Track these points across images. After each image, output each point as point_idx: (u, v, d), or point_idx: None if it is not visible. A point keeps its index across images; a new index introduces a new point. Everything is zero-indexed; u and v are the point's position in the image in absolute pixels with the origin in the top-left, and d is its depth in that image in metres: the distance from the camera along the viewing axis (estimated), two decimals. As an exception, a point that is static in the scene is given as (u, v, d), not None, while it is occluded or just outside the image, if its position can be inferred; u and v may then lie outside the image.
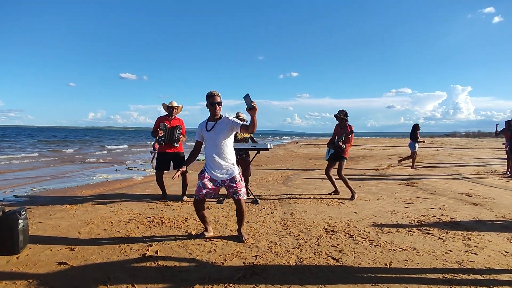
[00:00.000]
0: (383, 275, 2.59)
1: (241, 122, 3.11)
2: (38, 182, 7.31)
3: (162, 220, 4.03)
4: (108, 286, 2.38)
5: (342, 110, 5.52)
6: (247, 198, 5.36)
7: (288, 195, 5.69)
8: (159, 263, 2.77)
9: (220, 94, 3.22)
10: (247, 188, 5.54)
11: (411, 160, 10.31)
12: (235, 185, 3.21)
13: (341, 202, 5.14)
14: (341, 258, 2.89)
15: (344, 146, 5.31)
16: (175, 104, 5.28)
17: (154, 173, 9.07)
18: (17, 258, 2.85)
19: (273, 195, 5.71)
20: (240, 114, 5.48)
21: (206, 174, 3.22)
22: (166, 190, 5.45)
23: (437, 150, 21.77)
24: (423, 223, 4.02)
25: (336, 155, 5.45)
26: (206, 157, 3.24)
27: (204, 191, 3.21)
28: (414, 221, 4.10)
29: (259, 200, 5.13)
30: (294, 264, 2.77)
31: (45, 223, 3.88)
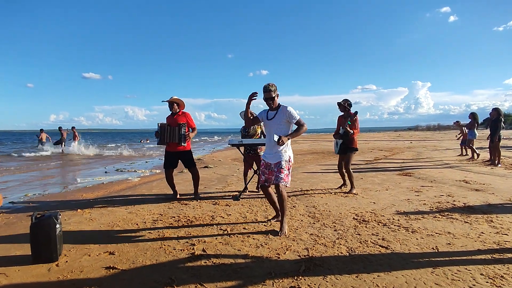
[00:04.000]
0: (437, 258, 2.68)
1: (297, 118, 3.35)
2: (27, 188, 6.81)
3: (189, 219, 3.91)
4: (175, 285, 2.27)
5: (346, 100, 5.47)
6: (261, 195, 5.36)
7: (300, 189, 5.72)
8: (214, 261, 2.68)
9: (273, 89, 3.34)
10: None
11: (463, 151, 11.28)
12: (276, 169, 3.35)
13: (355, 194, 5.25)
14: (389, 246, 2.95)
15: (351, 132, 5.17)
16: (174, 97, 5.07)
17: (148, 173, 8.81)
18: (57, 265, 2.65)
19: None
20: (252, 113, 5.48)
21: (263, 161, 3.49)
22: (176, 189, 5.28)
23: (411, 142, 22.84)
24: (442, 209, 4.20)
25: (346, 146, 5.36)
26: (266, 144, 3.54)
27: (263, 177, 3.45)
28: (433, 208, 4.27)
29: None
30: (347, 254, 2.80)
31: (65, 228, 3.62)
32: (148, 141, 34.76)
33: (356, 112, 5.29)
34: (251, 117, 3.85)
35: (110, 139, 46.20)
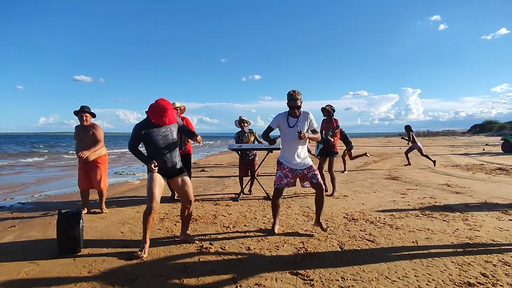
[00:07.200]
0: (417, 251, 3.06)
1: (315, 126, 3.50)
2: (32, 190, 7.03)
3: (193, 218, 4.23)
4: (189, 272, 2.62)
5: (330, 105, 5.81)
6: (258, 196, 5.71)
7: (294, 192, 6.07)
8: (221, 252, 3.03)
9: (299, 97, 3.36)
10: (254, 182, 5.85)
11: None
12: (312, 170, 3.49)
13: (345, 196, 5.65)
14: (375, 240, 3.34)
15: (332, 140, 5.58)
16: (177, 104, 5.39)
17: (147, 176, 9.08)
18: (80, 256, 2.95)
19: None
20: (243, 117, 5.83)
21: (286, 165, 3.52)
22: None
23: (400, 148, 23.42)
24: (424, 209, 4.61)
25: (326, 150, 5.74)
26: (286, 150, 3.52)
27: (285, 180, 3.53)
28: (416, 208, 4.69)
29: (271, 197, 5.47)
30: (338, 246, 3.17)
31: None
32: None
33: (338, 126, 5.70)
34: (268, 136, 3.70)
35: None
